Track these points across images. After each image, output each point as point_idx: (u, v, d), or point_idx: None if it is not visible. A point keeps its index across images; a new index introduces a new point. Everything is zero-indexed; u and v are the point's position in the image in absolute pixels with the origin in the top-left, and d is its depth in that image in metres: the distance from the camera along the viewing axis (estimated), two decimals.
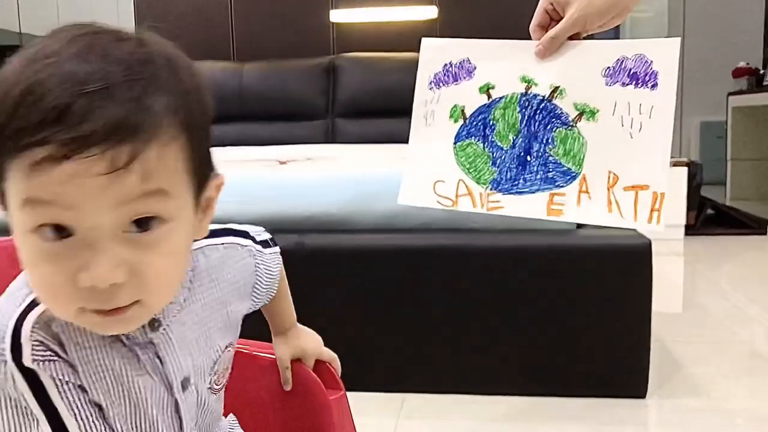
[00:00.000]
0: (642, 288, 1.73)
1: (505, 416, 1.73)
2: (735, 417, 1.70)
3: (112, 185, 0.47)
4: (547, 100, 1.01)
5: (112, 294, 0.50)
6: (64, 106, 0.45)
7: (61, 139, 0.44)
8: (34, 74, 0.45)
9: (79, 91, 0.45)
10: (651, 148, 0.96)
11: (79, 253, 0.49)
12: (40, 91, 0.45)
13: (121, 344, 0.57)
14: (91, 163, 0.46)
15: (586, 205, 0.98)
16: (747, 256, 3.68)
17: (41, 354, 0.53)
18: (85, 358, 0.55)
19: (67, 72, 0.46)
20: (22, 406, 0.54)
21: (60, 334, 0.55)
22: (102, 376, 0.56)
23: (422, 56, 1.08)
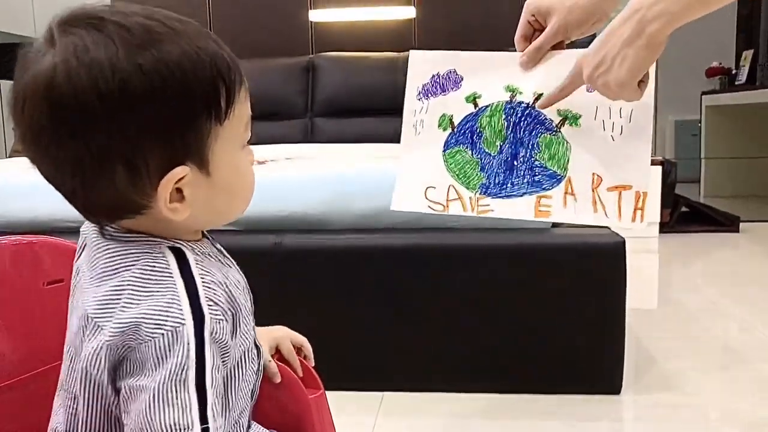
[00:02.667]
0: (617, 285, 1.76)
1: (483, 413, 1.74)
2: (709, 412, 1.73)
3: None
4: (531, 107, 1.05)
5: None
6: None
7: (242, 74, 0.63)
8: (204, 38, 0.61)
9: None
10: (632, 150, 1.01)
11: (250, 155, 0.67)
12: (218, 42, 0.62)
13: (216, 259, 0.67)
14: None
15: (572, 206, 1.03)
16: (720, 253, 3.74)
17: (215, 312, 0.59)
18: (226, 275, 0.65)
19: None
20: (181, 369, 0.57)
21: (217, 275, 0.62)
22: (232, 283, 0.65)
23: (411, 68, 1.12)
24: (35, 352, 0.77)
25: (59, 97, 0.55)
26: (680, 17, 0.82)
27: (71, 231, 1.91)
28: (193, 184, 0.60)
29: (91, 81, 0.54)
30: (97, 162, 0.57)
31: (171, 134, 0.57)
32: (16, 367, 0.76)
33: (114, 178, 0.57)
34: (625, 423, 1.72)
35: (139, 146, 0.56)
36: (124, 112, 0.55)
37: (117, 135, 0.56)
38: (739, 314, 2.53)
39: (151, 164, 0.57)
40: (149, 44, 0.56)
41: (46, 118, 0.56)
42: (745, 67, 5.36)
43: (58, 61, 0.55)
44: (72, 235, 1.10)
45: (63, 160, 0.57)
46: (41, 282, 0.79)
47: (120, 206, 0.60)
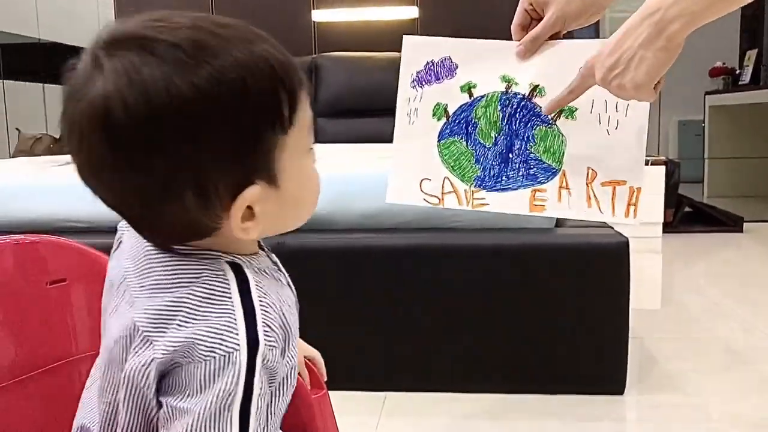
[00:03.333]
0: (620, 285, 1.75)
1: (485, 413, 1.74)
2: (711, 413, 1.73)
3: None
4: (527, 98, 1.04)
5: None
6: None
7: (303, 78, 0.61)
8: (268, 50, 0.58)
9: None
10: (627, 145, 1.00)
11: (314, 159, 0.64)
12: (277, 45, 0.60)
13: (269, 275, 0.65)
14: None
15: (566, 200, 1.02)
16: (724, 254, 3.73)
17: (270, 338, 0.57)
18: (279, 294, 0.63)
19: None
20: (228, 396, 0.55)
21: (272, 298, 0.60)
22: (289, 310, 0.63)
23: (404, 54, 1.10)
24: (38, 352, 0.77)
25: (116, 127, 0.52)
26: (701, 17, 0.80)
27: (74, 231, 1.92)
28: (263, 200, 0.57)
29: (147, 108, 0.52)
30: (164, 190, 0.54)
31: (237, 155, 0.55)
32: (19, 366, 0.76)
33: (184, 204, 0.55)
34: (628, 423, 1.72)
35: (205, 171, 0.54)
36: (185, 137, 0.53)
37: (180, 161, 0.53)
38: (743, 315, 2.53)
39: (220, 187, 0.55)
40: (202, 60, 0.53)
41: (105, 149, 0.53)
42: (749, 67, 5.35)
43: (110, 89, 0.52)
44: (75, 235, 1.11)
45: (127, 190, 0.56)
46: (44, 282, 0.79)
47: (190, 230, 0.58)
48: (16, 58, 5.12)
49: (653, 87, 0.86)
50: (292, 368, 0.64)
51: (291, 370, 0.64)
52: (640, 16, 0.83)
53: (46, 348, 0.77)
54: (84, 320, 0.81)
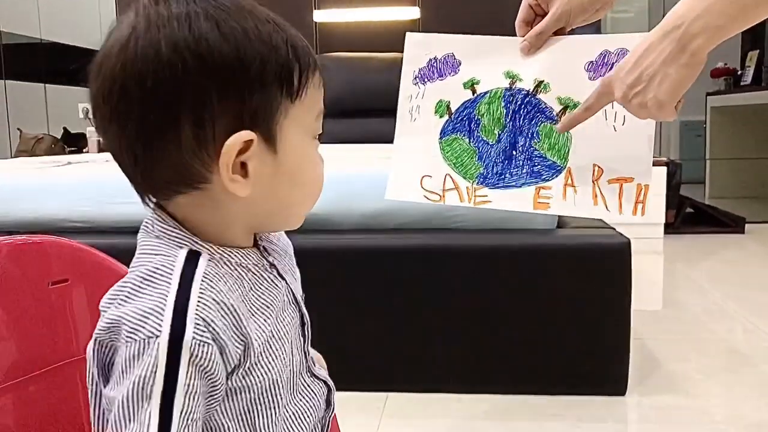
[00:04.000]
0: (621, 286, 1.75)
1: (487, 414, 1.74)
2: (713, 414, 1.72)
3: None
4: (532, 94, 1.02)
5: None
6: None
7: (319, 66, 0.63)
8: (288, 29, 0.61)
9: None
10: (634, 141, 0.98)
11: (318, 152, 0.65)
12: (302, 40, 0.62)
13: (255, 273, 0.62)
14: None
15: (571, 198, 1.00)
16: (725, 254, 3.73)
17: (201, 334, 0.54)
18: (248, 296, 0.60)
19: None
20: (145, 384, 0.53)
21: (225, 295, 0.57)
22: (258, 307, 0.61)
23: (407, 51, 1.09)
24: (39, 353, 0.77)
25: (133, 50, 0.54)
26: (724, 31, 0.78)
27: (76, 231, 1.92)
28: (258, 158, 0.58)
29: (166, 33, 0.54)
30: (164, 117, 0.55)
31: (241, 94, 0.56)
32: (20, 367, 0.76)
33: (180, 138, 0.55)
34: (630, 424, 1.72)
35: (208, 103, 0.55)
36: (197, 66, 0.54)
37: (187, 88, 0.54)
38: (744, 316, 2.52)
39: (218, 124, 0.55)
40: (229, 12, 0.56)
41: (119, 72, 0.55)
42: (751, 67, 5.35)
43: (138, 20, 0.55)
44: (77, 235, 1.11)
45: (128, 118, 0.56)
46: (46, 282, 0.79)
47: (180, 176, 0.57)
48: (17, 59, 5.13)
49: (675, 106, 0.84)
50: (278, 381, 0.61)
51: (278, 384, 0.61)
52: (660, 32, 0.81)
53: (48, 348, 0.77)
54: (86, 321, 0.81)
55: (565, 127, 0.98)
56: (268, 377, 0.60)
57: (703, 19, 0.77)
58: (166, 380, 0.52)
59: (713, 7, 0.77)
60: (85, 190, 1.89)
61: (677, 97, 0.83)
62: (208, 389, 0.55)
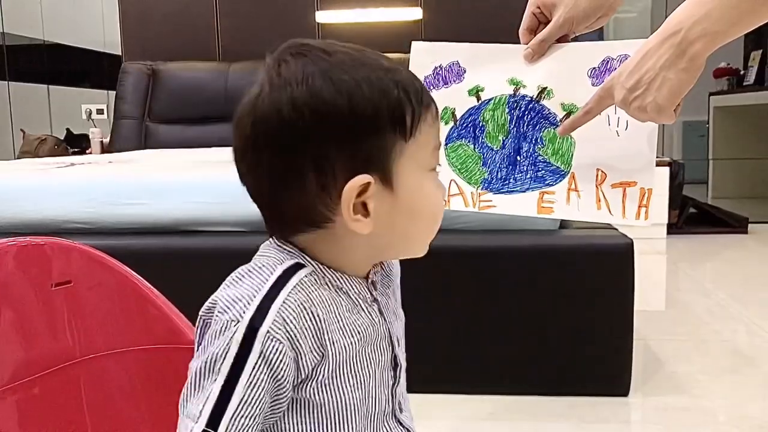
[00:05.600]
0: (624, 286, 1.75)
1: (490, 415, 1.74)
2: (717, 415, 1.72)
3: None
4: (535, 101, 1.03)
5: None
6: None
7: (433, 102, 0.66)
8: (399, 71, 0.64)
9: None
10: (637, 146, 0.99)
11: (438, 183, 0.67)
12: (407, 71, 0.65)
13: (353, 300, 0.65)
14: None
15: (575, 202, 1.01)
16: (729, 255, 3.72)
17: (276, 330, 0.57)
18: (339, 313, 0.63)
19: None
20: (216, 360, 0.57)
21: (313, 304, 0.61)
22: (347, 326, 0.63)
23: (412, 59, 1.10)
24: (43, 354, 0.77)
25: (261, 110, 0.60)
26: (723, 36, 0.78)
27: (79, 232, 1.92)
28: (376, 198, 0.61)
29: (286, 92, 0.59)
30: (289, 167, 0.60)
31: (355, 142, 0.60)
32: (24, 368, 0.76)
33: (305, 184, 0.60)
34: (633, 425, 1.71)
35: (326, 153, 0.59)
36: (314, 120, 0.59)
37: (307, 139, 0.59)
38: (748, 316, 2.52)
39: (337, 169, 0.59)
40: (343, 67, 0.60)
41: (249, 130, 0.61)
42: (754, 67, 5.34)
43: (263, 81, 0.61)
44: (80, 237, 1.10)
45: (260, 168, 0.61)
46: (49, 284, 0.79)
47: (306, 217, 0.62)
48: (21, 60, 5.14)
49: (674, 109, 0.84)
50: (344, 406, 0.62)
51: (343, 407, 0.62)
52: (660, 37, 0.81)
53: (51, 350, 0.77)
54: (89, 322, 0.81)
55: (566, 130, 0.98)
56: (342, 399, 0.62)
57: (701, 25, 0.78)
58: (234, 363, 0.56)
59: (712, 12, 0.77)
60: (88, 192, 1.89)
61: (676, 101, 0.83)
62: (273, 390, 0.58)
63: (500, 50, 1.06)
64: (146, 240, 1.84)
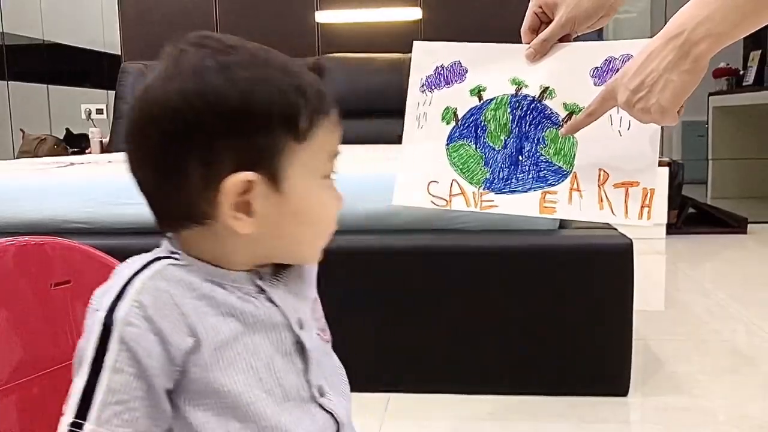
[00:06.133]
0: (624, 287, 1.75)
1: (490, 415, 1.74)
2: (716, 415, 1.72)
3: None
4: (537, 100, 1.03)
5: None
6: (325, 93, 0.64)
7: (335, 109, 0.65)
8: (295, 65, 0.63)
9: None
10: (640, 146, 0.99)
11: (335, 190, 0.67)
12: (312, 75, 0.64)
13: (235, 295, 0.63)
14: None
15: (577, 202, 1.01)
16: (728, 255, 3.72)
17: (133, 315, 0.57)
18: (205, 303, 0.61)
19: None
20: (82, 351, 0.58)
21: (173, 286, 0.60)
22: (219, 308, 0.61)
23: (414, 59, 1.10)
24: (42, 354, 0.77)
25: (151, 97, 0.59)
26: (726, 38, 0.78)
27: (79, 232, 1.92)
28: (262, 198, 0.60)
29: (178, 81, 0.58)
30: (174, 158, 0.59)
31: (243, 138, 0.59)
32: (23, 368, 0.76)
33: (188, 177, 0.59)
34: (633, 425, 1.71)
35: (212, 147, 0.58)
36: (201, 112, 0.58)
37: (193, 133, 0.58)
38: (747, 316, 2.52)
39: (222, 165, 0.58)
40: (241, 64, 0.59)
41: (137, 116, 0.60)
42: (753, 68, 5.35)
43: (159, 68, 0.60)
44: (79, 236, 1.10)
45: (147, 157, 0.61)
46: (48, 283, 0.79)
47: (187, 211, 0.60)
48: (20, 60, 5.14)
49: (677, 111, 0.84)
50: (240, 396, 0.60)
51: (240, 398, 0.60)
52: (662, 38, 0.81)
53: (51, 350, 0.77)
54: None
55: (569, 132, 0.98)
56: (235, 386, 0.60)
57: (705, 26, 0.78)
58: (96, 352, 0.57)
59: (715, 14, 0.77)
60: (88, 191, 1.89)
61: (680, 103, 0.83)
62: (142, 376, 0.57)
63: (502, 50, 1.06)
64: (146, 240, 1.82)
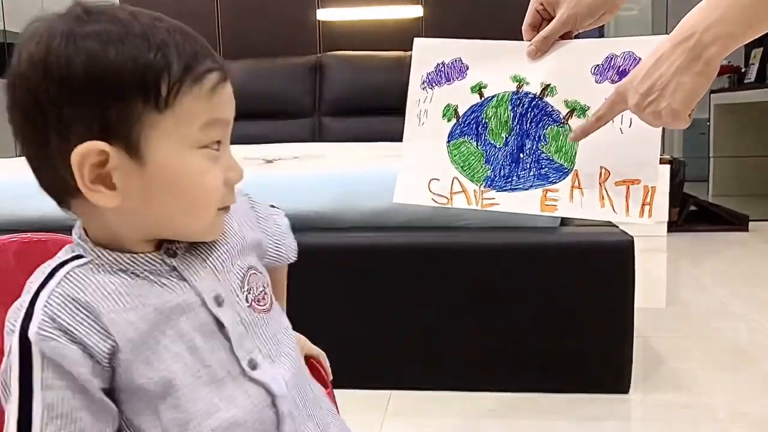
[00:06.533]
0: (625, 284, 1.75)
1: (491, 412, 1.74)
2: (717, 412, 1.72)
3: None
4: (539, 98, 1.03)
5: (233, 191, 0.65)
6: (208, 48, 0.61)
7: (219, 66, 0.61)
8: (167, 32, 0.58)
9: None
10: (641, 143, 0.98)
11: (225, 160, 0.63)
12: (191, 41, 0.60)
13: (146, 281, 0.61)
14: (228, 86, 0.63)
15: (578, 200, 1.01)
16: (729, 252, 3.72)
17: (46, 329, 0.56)
18: (114, 301, 0.59)
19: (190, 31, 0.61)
20: (5, 377, 0.57)
21: (81, 292, 0.59)
22: (134, 305, 0.60)
23: (415, 56, 1.10)
24: None
25: (14, 64, 0.57)
26: (738, 39, 0.77)
27: None
28: (122, 170, 0.57)
29: (29, 46, 0.57)
30: (32, 128, 0.57)
31: (92, 107, 0.56)
32: None
33: (47, 148, 0.57)
34: (634, 422, 1.72)
35: (63, 116, 0.56)
36: (47, 79, 0.55)
37: (43, 102, 0.56)
38: (748, 314, 2.52)
39: (73, 135, 0.56)
40: (103, 30, 0.56)
41: (6, 84, 0.58)
42: (755, 65, 5.33)
43: (25, 31, 0.58)
44: None
45: (15, 126, 0.59)
46: None
47: (58, 185, 0.59)
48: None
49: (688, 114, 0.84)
50: (167, 382, 0.60)
51: (168, 385, 0.60)
52: (673, 41, 0.80)
53: None
54: None
55: (577, 137, 0.98)
56: (161, 379, 0.59)
57: (716, 28, 0.77)
58: (21, 373, 0.55)
59: (726, 15, 0.77)
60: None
61: (691, 106, 0.83)
62: (75, 387, 0.56)
63: (503, 47, 1.06)
64: None
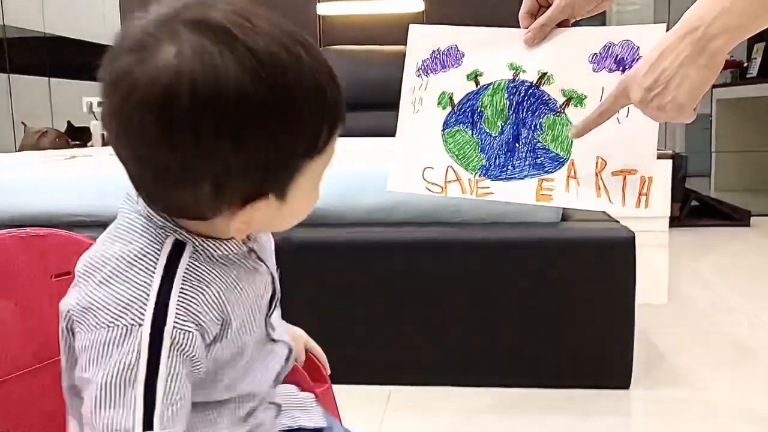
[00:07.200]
0: (626, 279, 1.75)
1: (491, 408, 1.74)
2: (718, 407, 1.72)
3: None
4: (535, 86, 1.02)
5: None
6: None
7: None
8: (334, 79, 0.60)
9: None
10: (638, 133, 0.97)
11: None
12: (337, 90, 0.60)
13: (236, 262, 0.65)
14: None
15: (574, 190, 0.99)
16: (731, 248, 3.71)
17: (183, 324, 0.57)
18: (229, 282, 0.63)
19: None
20: (129, 370, 0.56)
21: (207, 284, 0.60)
22: (239, 292, 0.64)
23: (410, 43, 1.08)
24: (42, 345, 0.77)
25: (176, 106, 0.52)
26: (745, 31, 0.76)
27: (81, 225, 1.93)
28: (265, 209, 0.59)
29: (211, 96, 0.52)
30: (185, 176, 0.55)
31: (266, 169, 0.57)
32: (24, 359, 0.76)
33: (196, 193, 0.56)
34: (634, 418, 1.71)
35: (233, 173, 0.55)
36: (230, 137, 0.54)
37: (214, 156, 0.54)
38: (750, 309, 2.52)
39: (238, 191, 0.57)
40: (274, 76, 0.54)
41: (151, 121, 0.53)
42: (757, 60, 5.32)
43: (183, 67, 0.52)
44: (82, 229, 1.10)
45: (151, 166, 0.56)
46: (49, 275, 0.79)
47: (188, 212, 0.59)
48: (21, 52, 5.13)
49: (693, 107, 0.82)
50: (237, 350, 0.65)
51: (237, 352, 0.65)
52: (678, 33, 0.79)
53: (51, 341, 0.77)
54: None
55: (579, 133, 0.96)
56: (238, 346, 0.64)
57: (722, 20, 0.76)
58: (149, 366, 0.55)
59: (733, 7, 0.75)
60: (89, 184, 1.89)
61: (697, 99, 0.81)
62: (190, 366, 0.58)
63: (500, 34, 1.04)
64: None
